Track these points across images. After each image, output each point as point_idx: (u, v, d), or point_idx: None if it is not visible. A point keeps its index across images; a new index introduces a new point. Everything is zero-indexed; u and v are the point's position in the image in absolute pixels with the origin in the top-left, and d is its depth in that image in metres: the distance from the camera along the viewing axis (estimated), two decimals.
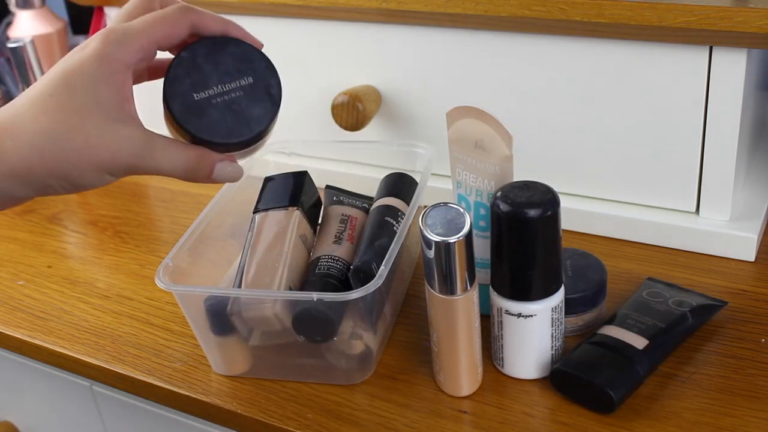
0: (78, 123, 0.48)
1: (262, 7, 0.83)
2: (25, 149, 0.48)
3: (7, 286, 0.81)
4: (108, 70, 0.49)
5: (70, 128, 0.48)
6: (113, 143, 0.49)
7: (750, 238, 0.72)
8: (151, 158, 0.50)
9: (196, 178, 0.52)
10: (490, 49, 0.75)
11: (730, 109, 0.68)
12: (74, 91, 0.48)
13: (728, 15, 0.63)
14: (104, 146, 0.48)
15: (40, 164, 0.48)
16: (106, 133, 0.49)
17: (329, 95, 0.82)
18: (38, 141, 0.48)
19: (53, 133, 0.48)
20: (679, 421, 0.58)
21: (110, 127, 0.49)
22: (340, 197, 0.73)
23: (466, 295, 0.57)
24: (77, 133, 0.48)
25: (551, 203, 0.57)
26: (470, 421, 0.60)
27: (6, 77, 1.14)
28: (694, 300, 0.65)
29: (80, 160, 0.48)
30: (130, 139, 0.49)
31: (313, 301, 0.59)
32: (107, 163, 0.49)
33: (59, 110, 0.48)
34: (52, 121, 0.48)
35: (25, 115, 0.48)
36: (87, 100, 0.48)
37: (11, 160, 0.48)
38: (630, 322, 0.62)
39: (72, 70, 0.49)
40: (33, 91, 0.49)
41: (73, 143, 0.48)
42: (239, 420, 0.63)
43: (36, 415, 0.87)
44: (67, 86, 0.48)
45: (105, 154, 0.49)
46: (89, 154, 0.48)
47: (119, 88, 0.49)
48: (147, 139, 0.50)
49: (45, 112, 0.48)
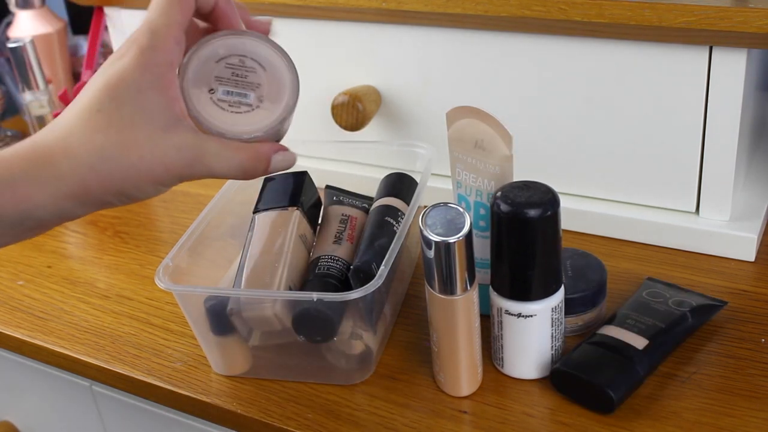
0: (130, 138, 0.48)
1: (262, 7, 0.83)
2: (82, 169, 0.48)
3: (7, 286, 0.81)
4: (152, 75, 0.48)
5: (123, 145, 0.48)
6: (166, 157, 0.49)
7: (750, 238, 0.72)
8: (203, 164, 0.50)
9: (255, 175, 0.52)
10: (490, 49, 0.75)
11: (730, 109, 0.68)
12: (121, 103, 0.48)
13: (728, 15, 0.63)
14: (158, 161, 0.48)
15: (97, 183, 0.48)
16: (159, 147, 0.48)
17: (329, 95, 0.82)
18: (94, 161, 0.48)
19: (107, 151, 0.48)
20: (679, 421, 0.58)
21: (161, 138, 0.48)
22: (340, 197, 0.73)
23: (466, 295, 0.57)
24: (131, 150, 0.48)
25: (551, 203, 0.57)
26: (470, 421, 0.60)
27: (6, 77, 1.14)
28: (694, 300, 0.65)
29: (136, 176, 0.48)
30: (181, 148, 0.49)
31: (313, 301, 0.59)
32: (162, 176, 0.49)
33: (109, 126, 0.48)
34: (105, 138, 0.48)
35: (77, 133, 0.48)
36: (135, 111, 0.48)
37: (69, 181, 0.48)
38: (630, 322, 0.62)
39: (116, 81, 0.48)
40: (78, 106, 0.49)
41: (128, 160, 0.48)
42: (239, 420, 0.63)
43: (36, 415, 0.87)
44: (113, 99, 0.48)
45: (159, 169, 0.49)
46: (144, 170, 0.48)
47: (166, 92, 0.49)
48: (198, 147, 0.50)
49: (96, 130, 0.48)
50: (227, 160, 0.50)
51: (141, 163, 0.48)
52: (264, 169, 0.52)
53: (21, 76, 0.99)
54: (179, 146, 0.49)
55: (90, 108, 0.48)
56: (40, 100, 1.01)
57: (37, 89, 1.00)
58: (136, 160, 0.48)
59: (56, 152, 0.48)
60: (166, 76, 0.49)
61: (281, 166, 0.53)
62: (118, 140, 0.48)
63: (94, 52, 1.00)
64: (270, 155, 0.52)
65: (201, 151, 0.50)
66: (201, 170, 0.50)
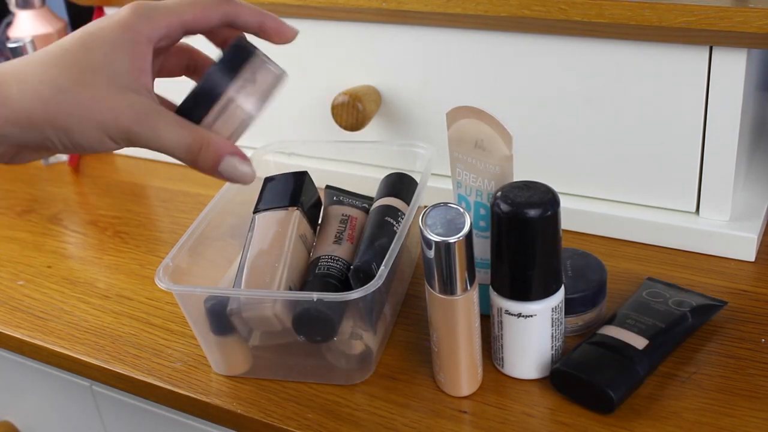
0: (87, 79, 0.47)
1: (262, 8, 0.83)
2: (29, 95, 0.47)
3: (7, 286, 0.81)
4: (129, 38, 0.48)
5: (79, 82, 0.47)
6: (118, 105, 0.48)
7: (750, 238, 0.72)
8: (153, 129, 0.49)
9: (200, 163, 0.50)
10: (490, 49, 0.75)
11: (730, 109, 0.68)
12: (90, 51, 0.48)
13: (728, 15, 0.63)
14: (108, 106, 0.48)
15: (42, 112, 0.47)
16: (114, 94, 0.48)
17: (329, 95, 0.82)
18: (43, 89, 0.47)
19: (60, 83, 0.47)
20: (679, 421, 0.58)
21: (119, 91, 0.48)
22: (340, 197, 0.73)
23: (466, 295, 0.57)
24: (84, 88, 0.47)
25: (551, 203, 0.57)
26: (470, 421, 0.60)
27: None
28: (694, 300, 0.65)
29: (82, 115, 0.47)
30: (135, 105, 0.48)
31: (313, 301, 0.59)
32: (109, 123, 0.48)
33: (72, 65, 0.48)
34: (61, 73, 0.47)
35: (36, 64, 0.48)
36: (102, 62, 0.48)
37: (13, 105, 0.47)
38: (630, 322, 0.62)
39: (93, 32, 0.48)
40: (50, 47, 0.49)
41: (78, 97, 0.47)
42: (239, 420, 0.63)
43: (36, 415, 0.87)
44: (84, 45, 0.48)
45: (108, 115, 0.48)
46: (92, 110, 0.47)
47: (136, 58, 0.49)
48: (154, 110, 0.49)
49: (56, 65, 0.48)
50: (176, 134, 0.49)
51: (91, 102, 0.47)
52: (211, 163, 0.50)
53: None
54: (135, 102, 0.48)
55: (59, 47, 0.48)
56: None
57: None
58: (86, 98, 0.47)
59: (9, 78, 0.47)
60: (141, 46, 0.49)
61: (234, 173, 0.51)
62: (75, 78, 0.47)
63: None
64: (222, 152, 0.50)
65: (156, 114, 0.49)
66: (150, 134, 0.49)
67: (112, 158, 1.04)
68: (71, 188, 0.99)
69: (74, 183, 1.00)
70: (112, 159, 1.04)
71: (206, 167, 0.50)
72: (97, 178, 1.00)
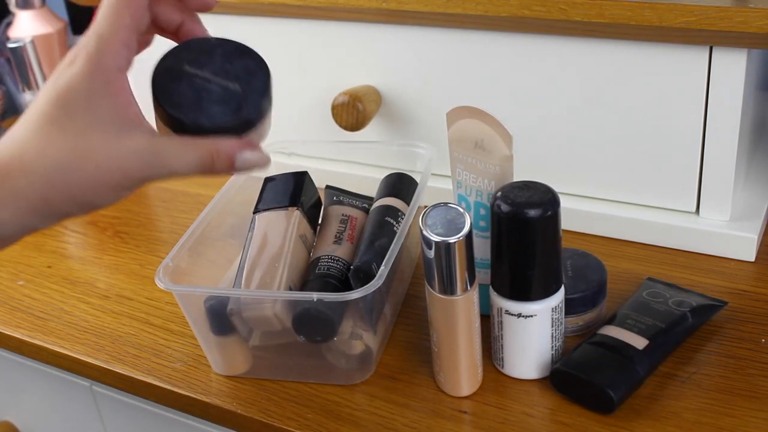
0: (85, 147, 0.47)
1: (262, 7, 0.83)
2: (41, 184, 0.47)
3: (7, 286, 0.81)
4: (101, 81, 0.48)
5: (79, 155, 0.47)
6: (123, 162, 0.48)
7: (750, 238, 0.72)
8: (162, 165, 0.49)
9: (217, 170, 0.50)
10: (490, 49, 0.75)
11: (730, 109, 0.68)
12: (73, 113, 0.47)
13: (728, 15, 0.63)
14: (115, 167, 0.48)
15: (57, 196, 0.47)
16: (114, 151, 0.48)
17: (329, 95, 0.82)
18: (51, 174, 0.47)
19: (64, 163, 0.47)
20: (679, 421, 0.58)
21: (116, 143, 0.48)
22: (340, 197, 0.73)
23: (466, 296, 0.57)
24: (87, 160, 0.47)
25: (551, 203, 0.57)
26: (470, 421, 0.60)
27: (6, 77, 1.14)
28: (694, 300, 0.65)
29: (95, 185, 0.48)
30: (137, 151, 0.48)
31: (313, 301, 0.59)
32: (121, 181, 0.48)
33: (63, 138, 0.47)
34: (60, 151, 0.47)
35: (32, 148, 0.47)
36: (87, 120, 0.47)
37: (29, 196, 0.47)
38: (630, 322, 0.62)
39: (66, 90, 0.48)
40: (31, 118, 0.48)
41: (85, 171, 0.47)
42: (239, 420, 0.63)
43: (36, 415, 0.87)
44: (65, 108, 0.48)
45: (117, 174, 0.48)
46: (103, 178, 0.48)
47: (116, 97, 0.48)
48: (155, 147, 0.49)
49: (50, 142, 0.47)
50: (185, 157, 0.49)
51: (98, 172, 0.47)
52: (227, 165, 0.50)
53: (21, 76, 0.99)
54: (135, 150, 0.48)
55: (43, 119, 0.48)
56: None
57: (37, 89, 1.00)
58: (93, 169, 0.47)
59: (13, 169, 0.47)
60: (116, 81, 0.48)
61: (251, 163, 0.51)
62: (74, 151, 0.47)
63: None
64: (232, 152, 0.50)
65: (159, 152, 0.49)
66: (161, 171, 0.49)
67: None
68: None
69: None
70: None
71: (224, 171, 0.51)
72: None
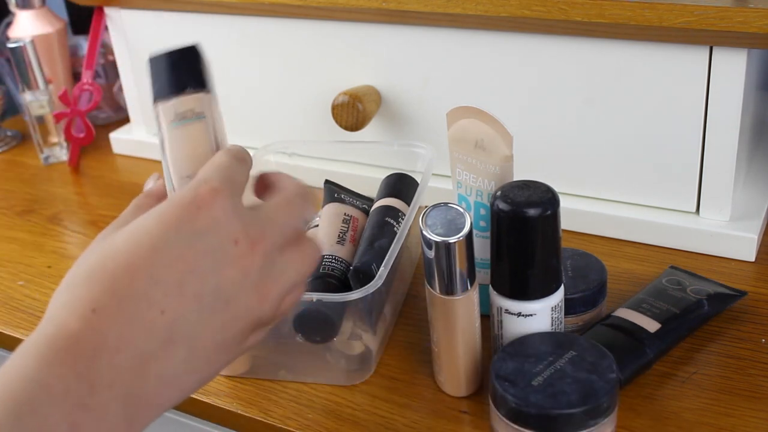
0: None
1: (262, 7, 0.83)
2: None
3: (7, 286, 0.81)
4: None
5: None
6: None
7: (750, 238, 0.72)
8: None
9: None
10: (490, 49, 0.75)
11: (730, 109, 0.68)
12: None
13: (728, 15, 0.63)
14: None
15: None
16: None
17: (329, 95, 0.82)
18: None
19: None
20: (679, 421, 0.58)
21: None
22: (340, 195, 0.73)
23: (466, 296, 0.57)
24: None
25: (551, 202, 0.57)
26: (470, 421, 0.60)
27: (6, 77, 1.14)
28: (712, 288, 0.66)
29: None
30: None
31: (313, 301, 0.59)
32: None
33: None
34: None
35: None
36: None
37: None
38: (645, 306, 0.63)
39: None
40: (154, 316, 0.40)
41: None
42: (239, 420, 0.63)
43: None
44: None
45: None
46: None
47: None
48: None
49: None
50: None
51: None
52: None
53: (21, 76, 0.99)
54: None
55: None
56: (41, 100, 1.01)
57: (37, 89, 1.00)
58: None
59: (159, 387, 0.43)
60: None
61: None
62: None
63: (94, 52, 1.00)
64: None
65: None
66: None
67: (112, 158, 1.04)
68: (71, 188, 0.99)
69: (74, 183, 1.00)
70: (112, 159, 1.04)
71: None
72: (97, 178, 1.00)
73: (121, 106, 1.12)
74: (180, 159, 0.48)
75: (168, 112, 0.48)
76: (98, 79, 1.10)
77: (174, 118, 0.48)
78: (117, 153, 1.05)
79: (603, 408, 0.52)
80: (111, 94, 1.11)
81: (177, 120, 0.48)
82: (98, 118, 1.12)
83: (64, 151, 1.04)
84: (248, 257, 0.41)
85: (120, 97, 1.09)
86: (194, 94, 0.48)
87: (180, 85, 0.49)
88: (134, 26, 0.96)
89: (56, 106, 1.02)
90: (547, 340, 0.57)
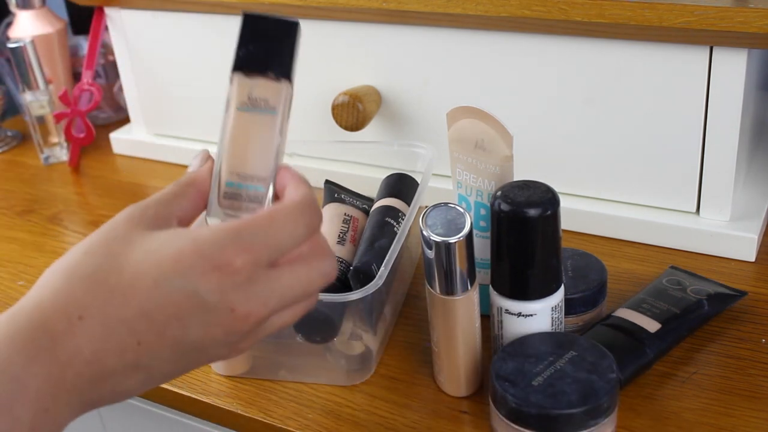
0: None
1: (262, 8, 0.83)
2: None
3: (7, 286, 0.81)
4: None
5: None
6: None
7: (750, 238, 0.72)
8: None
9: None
10: (490, 49, 0.75)
11: (730, 109, 0.68)
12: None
13: (728, 15, 0.63)
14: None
15: None
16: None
17: (329, 95, 0.82)
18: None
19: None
20: (679, 421, 0.58)
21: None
22: (340, 195, 0.73)
23: (467, 296, 0.57)
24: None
25: (551, 202, 0.57)
26: (470, 421, 0.60)
27: (6, 77, 1.14)
28: (712, 288, 0.66)
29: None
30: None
31: None
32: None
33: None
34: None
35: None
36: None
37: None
38: (645, 306, 0.63)
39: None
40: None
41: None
42: (239, 420, 0.63)
43: None
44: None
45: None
46: None
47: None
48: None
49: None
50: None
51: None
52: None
53: (21, 76, 0.99)
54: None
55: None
56: (41, 100, 1.01)
57: (37, 89, 1.00)
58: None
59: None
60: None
61: None
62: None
63: (94, 53, 1.00)
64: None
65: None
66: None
67: (112, 158, 1.04)
68: (71, 188, 0.99)
69: (74, 183, 1.00)
70: (112, 159, 1.04)
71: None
72: (97, 178, 1.00)
73: (121, 106, 1.12)
74: (236, 151, 0.45)
75: (242, 91, 0.44)
76: (98, 79, 1.10)
77: (246, 100, 0.44)
78: (117, 153, 1.05)
79: (603, 408, 0.52)
80: (111, 94, 1.12)
81: (248, 105, 0.44)
82: (98, 118, 1.12)
83: (65, 151, 1.04)
84: (239, 324, 0.42)
85: (120, 97, 1.09)
86: (275, 83, 0.45)
87: (265, 65, 0.44)
88: (134, 26, 0.96)
89: (56, 107, 1.02)
90: (547, 340, 0.57)
